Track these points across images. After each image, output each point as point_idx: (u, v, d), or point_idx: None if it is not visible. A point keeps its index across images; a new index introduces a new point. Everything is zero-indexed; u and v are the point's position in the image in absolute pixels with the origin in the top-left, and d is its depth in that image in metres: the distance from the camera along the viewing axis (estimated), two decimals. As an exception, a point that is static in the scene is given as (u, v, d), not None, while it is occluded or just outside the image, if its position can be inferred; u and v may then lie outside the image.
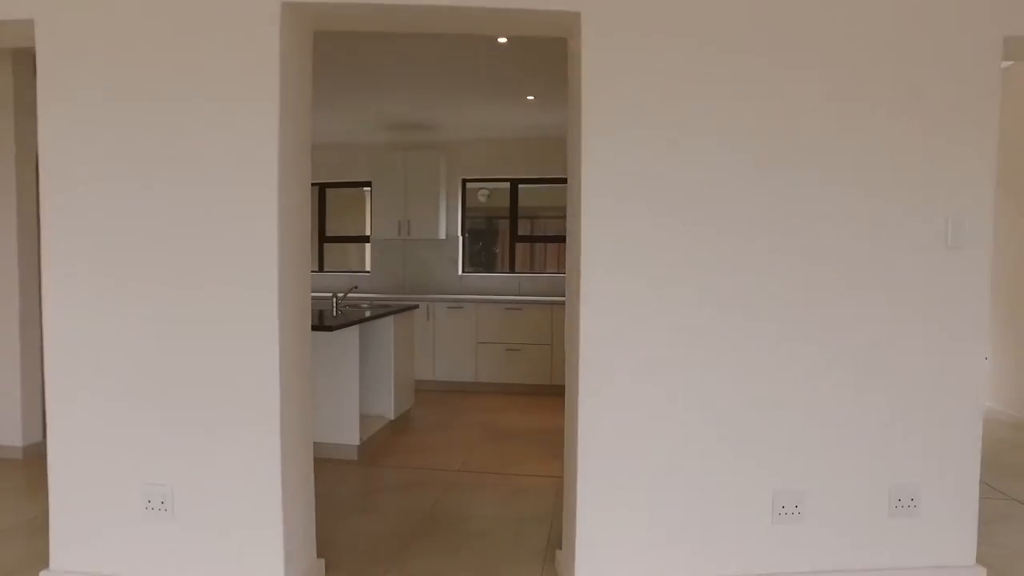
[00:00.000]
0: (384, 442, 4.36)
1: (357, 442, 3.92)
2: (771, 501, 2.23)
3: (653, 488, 2.21)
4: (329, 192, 7.09)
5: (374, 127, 6.44)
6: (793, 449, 2.23)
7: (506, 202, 6.79)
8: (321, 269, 7.08)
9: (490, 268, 7.01)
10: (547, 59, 3.96)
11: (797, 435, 2.23)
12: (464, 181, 6.81)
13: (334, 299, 4.50)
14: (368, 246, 6.93)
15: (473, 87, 4.99)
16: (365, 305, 5.01)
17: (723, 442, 2.22)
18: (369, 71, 4.53)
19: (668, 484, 2.22)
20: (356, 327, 3.89)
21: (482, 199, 10.03)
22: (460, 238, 6.77)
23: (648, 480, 2.21)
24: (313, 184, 6.78)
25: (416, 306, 5.09)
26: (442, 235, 6.53)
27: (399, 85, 4.99)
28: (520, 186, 6.73)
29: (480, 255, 7.07)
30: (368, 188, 6.75)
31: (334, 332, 3.66)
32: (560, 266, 6.79)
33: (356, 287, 4.69)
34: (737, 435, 2.22)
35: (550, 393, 5.98)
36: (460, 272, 6.76)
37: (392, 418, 4.53)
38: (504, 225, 6.91)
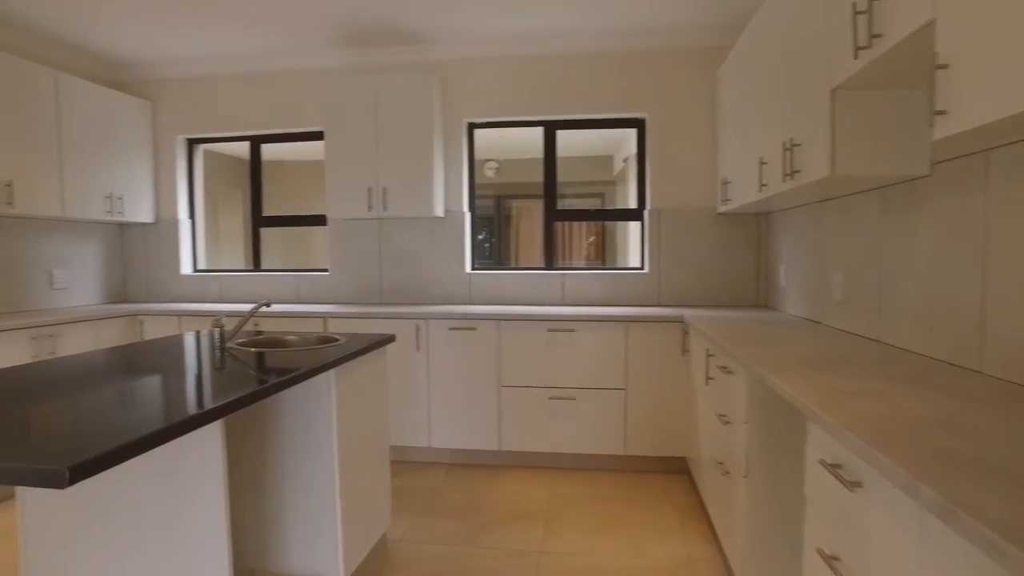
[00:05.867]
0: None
1: None
2: None
3: None
4: (268, 151, 4.65)
5: (325, 41, 4.01)
6: None
7: (531, 174, 4.34)
8: (257, 268, 4.66)
9: (511, 262, 4.58)
10: None
11: None
12: (471, 126, 4.38)
13: (214, 334, 2.14)
14: (326, 230, 4.50)
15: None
16: (309, 337, 2.60)
17: None
18: None
19: None
20: (217, 424, 1.49)
21: (489, 174, 7.41)
22: (468, 216, 4.34)
23: None
24: (241, 137, 4.30)
25: (392, 338, 2.68)
26: (439, 211, 4.10)
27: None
28: (559, 132, 4.30)
29: (493, 243, 4.64)
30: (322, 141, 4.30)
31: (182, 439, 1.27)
32: (625, 257, 4.39)
33: (268, 303, 2.29)
34: None
35: (626, 469, 3.58)
36: (469, 269, 4.34)
37: (339, 585, 2.13)
38: (527, 201, 4.49)
